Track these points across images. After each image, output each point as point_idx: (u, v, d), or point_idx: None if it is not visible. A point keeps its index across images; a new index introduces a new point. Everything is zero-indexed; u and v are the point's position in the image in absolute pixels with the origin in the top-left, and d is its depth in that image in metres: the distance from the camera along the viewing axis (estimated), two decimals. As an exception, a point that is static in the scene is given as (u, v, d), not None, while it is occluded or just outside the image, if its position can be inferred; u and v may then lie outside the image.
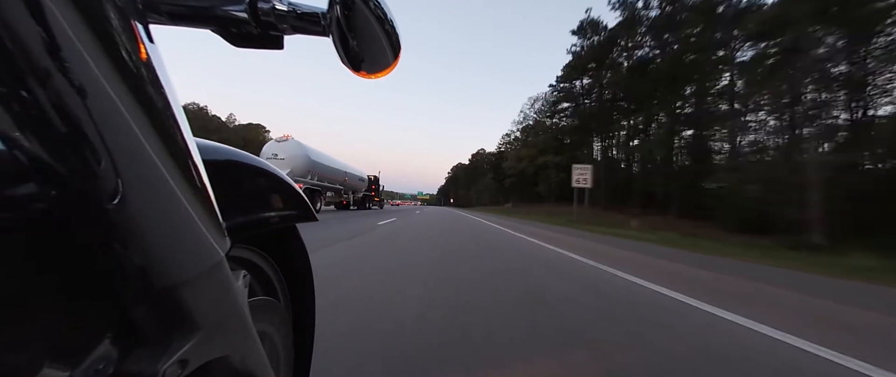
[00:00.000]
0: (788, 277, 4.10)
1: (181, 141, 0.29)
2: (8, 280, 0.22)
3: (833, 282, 4.00)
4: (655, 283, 3.21)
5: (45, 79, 0.19)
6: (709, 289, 3.10)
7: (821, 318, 2.39)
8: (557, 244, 6.44)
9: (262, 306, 0.58)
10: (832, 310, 2.67)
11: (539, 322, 1.97)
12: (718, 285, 3.37)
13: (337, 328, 1.71)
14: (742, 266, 4.91)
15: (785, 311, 2.53)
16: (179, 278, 0.29)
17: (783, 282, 3.77)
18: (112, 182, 0.23)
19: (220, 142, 0.54)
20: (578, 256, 4.87)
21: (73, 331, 0.26)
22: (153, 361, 0.28)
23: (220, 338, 0.35)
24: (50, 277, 0.24)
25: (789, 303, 2.81)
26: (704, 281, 3.56)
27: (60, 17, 0.19)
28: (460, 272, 3.31)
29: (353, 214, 14.69)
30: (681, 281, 3.44)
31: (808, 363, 1.65)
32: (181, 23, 0.41)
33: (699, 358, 1.62)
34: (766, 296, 3.06)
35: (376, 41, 0.43)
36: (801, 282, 3.85)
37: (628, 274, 3.64)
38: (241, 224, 0.50)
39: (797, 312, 2.53)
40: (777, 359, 1.67)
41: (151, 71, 0.26)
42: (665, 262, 4.78)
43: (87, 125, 0.21)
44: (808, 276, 4.29)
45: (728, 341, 1.86)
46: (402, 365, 1.39)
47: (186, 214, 0.29)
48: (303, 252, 0.74)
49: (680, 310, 2.40)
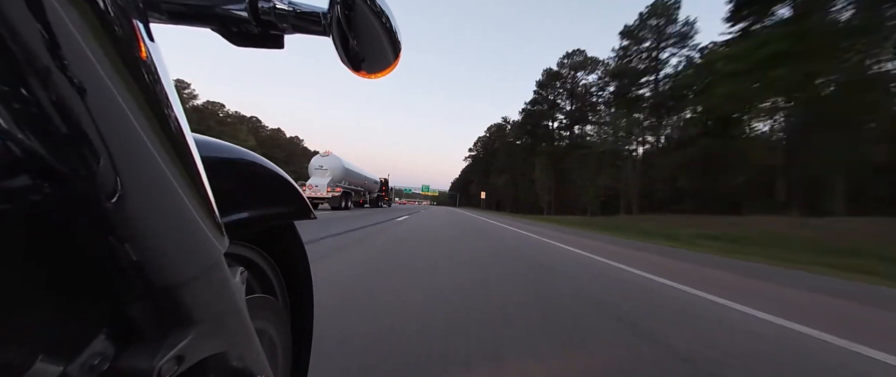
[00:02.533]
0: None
1: (180, 139, 0.29)
2: (5, 275, 0.23)
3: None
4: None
5: (46, 77, 0.19)
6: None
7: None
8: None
9: (260, 303, 0.58)
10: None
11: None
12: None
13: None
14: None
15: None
16: (177, 275, 0.29)
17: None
18: (111, 180, 0.23)
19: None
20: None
21: (68, 326, 0.26)
22: (149, 357, 0.28)
23: (218, 335, 0.35)
24: (47, 273, 0.24)
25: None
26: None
27: (61, 15, 0.19)
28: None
29: (373, 211, 18.03)
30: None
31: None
32: (182, 22, 0.41)
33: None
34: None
35: (377, 41, 0.43)
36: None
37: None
38: (239, 221, 0.50)
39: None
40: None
41: (152, 70, 0.26)
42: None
43: (87, 123, 0.21)
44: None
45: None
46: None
47: (185, 211, 0.29)
48: (301, 249, 0.74)
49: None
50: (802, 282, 4.09)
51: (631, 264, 4.64)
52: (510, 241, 6.82)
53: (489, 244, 6.02)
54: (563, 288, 2.98)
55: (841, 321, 2.46)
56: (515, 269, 3.74)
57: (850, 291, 3.68)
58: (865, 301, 3.25)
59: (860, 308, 2.98)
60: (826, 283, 4.09)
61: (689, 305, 2.66)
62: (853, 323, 2.45)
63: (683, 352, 1.70)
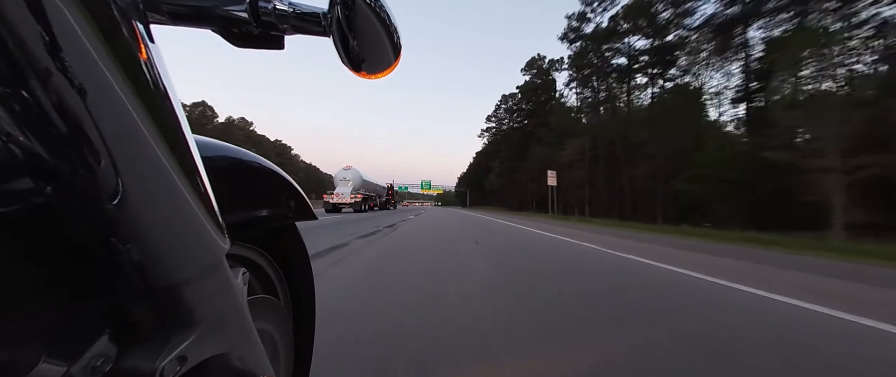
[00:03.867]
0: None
1: (181, 139, 0.29)
2: (7, 276, 0.23)
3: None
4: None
5: (46, 78, 0.19)
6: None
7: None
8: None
9: (262, 304, 0.58)
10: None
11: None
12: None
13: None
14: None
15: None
16: (179, 276, 0.29)
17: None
18: (112, 180, 0.23)
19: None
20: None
21: (71, 326, 0.26)
22: (151, 357, 0.28)
23: (219, 336, 0.35)
24: (49, 273, 0.24)
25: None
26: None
27: (62, 16, 0.19)
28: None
29: (387, 213, 22.33)
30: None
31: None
32: (182, 23, 0.41)
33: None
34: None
35: (377, 41, 0.43)
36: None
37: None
38: (241, 222, 0.50)
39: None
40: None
41: (152, 70, 0.26)
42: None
43: (88, 124, 0.21)
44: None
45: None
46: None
47: (186, 212, 0.29)
48: (302, 250, 0.74)
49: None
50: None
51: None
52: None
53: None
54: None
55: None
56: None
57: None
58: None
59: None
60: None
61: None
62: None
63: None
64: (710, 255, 5.23)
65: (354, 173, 25.13)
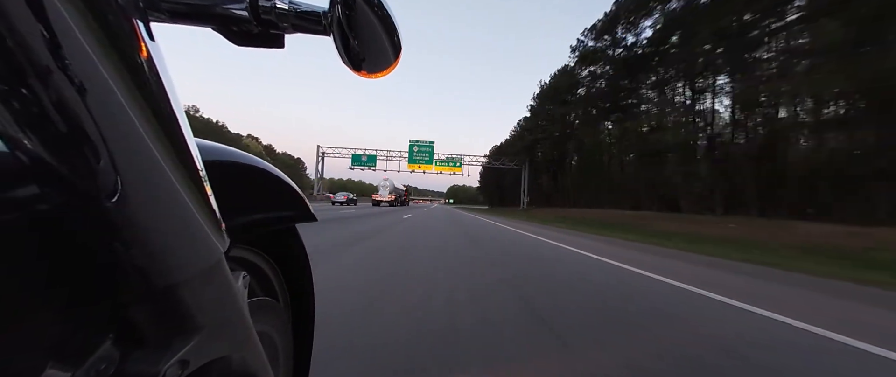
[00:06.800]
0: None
1: (181, 140, 0.29)
2: (8, 280, 0.22)
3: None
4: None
5: (46, 76, 0.19)
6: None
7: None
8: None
9: (262, 307, 0.58)
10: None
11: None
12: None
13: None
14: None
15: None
16: (179, 278, 0.29)
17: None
18: (112, 180, 0.23)
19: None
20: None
21: (75, 332, 0.26)
22: (154, 362, 0.28)
23: (221, 339, 0.35)
24: (51, 277, 0.24)
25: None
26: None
27: (61, 14, 0.19)
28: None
29: (404, 209, 32.01)
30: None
31: None
32: (182, 21, 0.41)
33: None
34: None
35: (378, 40, 0.43)
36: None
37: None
38: (241, 224, 0.50)
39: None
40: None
41: (152, 69, 0.26)
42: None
43: (88, 123, 0.21)
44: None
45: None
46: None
47: (186, 214, 0.29)
48: (302, 252, 0.73)
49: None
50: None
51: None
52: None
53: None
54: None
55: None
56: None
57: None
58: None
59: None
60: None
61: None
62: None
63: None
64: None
65: (390, 182, 42.80)
